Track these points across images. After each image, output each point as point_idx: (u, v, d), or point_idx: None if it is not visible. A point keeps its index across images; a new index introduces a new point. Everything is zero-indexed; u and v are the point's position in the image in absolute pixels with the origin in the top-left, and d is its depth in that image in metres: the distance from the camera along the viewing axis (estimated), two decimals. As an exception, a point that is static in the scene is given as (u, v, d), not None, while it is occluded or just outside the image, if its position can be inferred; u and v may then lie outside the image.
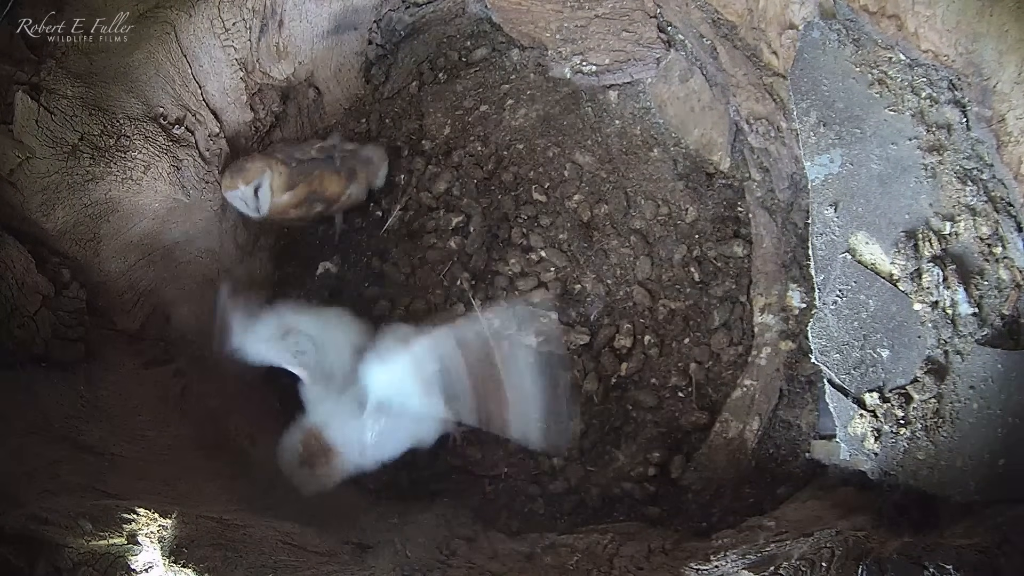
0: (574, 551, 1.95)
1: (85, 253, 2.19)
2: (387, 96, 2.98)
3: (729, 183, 2.65)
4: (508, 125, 2.84)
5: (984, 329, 1.73)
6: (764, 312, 2.41)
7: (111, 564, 1.56)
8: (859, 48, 1.95)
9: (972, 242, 1.77)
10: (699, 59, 2.62)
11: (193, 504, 1.81)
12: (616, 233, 2.64)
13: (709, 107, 2.64)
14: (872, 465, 1.79)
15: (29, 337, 2.02)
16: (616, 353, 2.49)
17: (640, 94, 2.81)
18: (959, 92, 1.81)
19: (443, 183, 2.77)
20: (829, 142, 1.95)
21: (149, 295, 2.35)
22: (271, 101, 2.69)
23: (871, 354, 1.83)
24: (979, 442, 1.68)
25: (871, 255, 1.87)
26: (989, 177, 1.78)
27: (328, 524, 1.99)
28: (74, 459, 1.85)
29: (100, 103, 2.17)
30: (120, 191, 2.20)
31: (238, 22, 2.45)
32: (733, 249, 2.54)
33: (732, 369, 2.41)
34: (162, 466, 2.01)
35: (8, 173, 2.06)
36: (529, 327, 2.49)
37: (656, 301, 2.54)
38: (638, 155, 2.74)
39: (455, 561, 1.88)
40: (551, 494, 2.34)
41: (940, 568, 1.41)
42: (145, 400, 2.18)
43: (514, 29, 2.90)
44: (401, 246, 2.72)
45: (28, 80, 2.10)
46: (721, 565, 1.72)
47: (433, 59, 3.01)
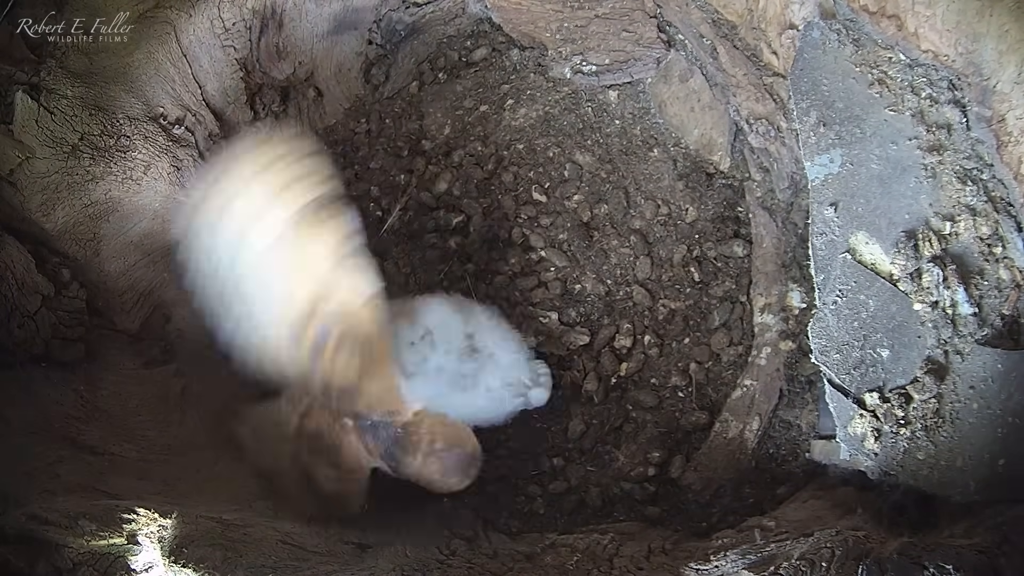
0: (574, 551, 1.95)
1: (85, 253, 2.19)
2: (387, 96, 2.98)
3: (729, 183, 2.65)
4: (508, 125, 2.84)
5: (984, 329, 1.73)
6: (764, 312, 2.41)
7: (111, 564, 1.56)
8: (859, 48, 1.95)
9: (972, 242, 1.77)
10: (699, 59, 2.62)
11: (193, 504, 1.81)
12: (616, 233, 2.64)
13: (709, 107, 2.64)
14: (872, 465, 1.79)
15: (29, 337, 2.02)
16: (616, 353, 2.49)
17: (640, 94, 2.81)
18: (959, 92, 1.81)
19: (443, 183, 2.77)
20: (829, 142, 1.95)
21: (149, 295, 2.35)
22: (271, 101, 2.69)
23: (871, 354, 1.83)
24: (979, 442, 1.68)
25: (871, 255, 1.87)
26: (989, 177, 1.77)
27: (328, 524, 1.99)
28: (74, 459, 1.85)
29: (100, 103, 2.17)
30: (120, 191, 2.20)
31: (238, 22, 2.45)
32: (733, 249, 2.54)
33: (732, 369, 2.41)
34: (162, 466, 2.01)
35: (8, 173, 2.06)
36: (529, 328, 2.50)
37: (656, 301, 2.54)
38: (638, 155, 2.75)
39: (455, 561, 1.88)
40: (551, 494, 2.34)
41: (940, 568, 1.41)
42: (145, 400, 2.18)
43: (514, 29, 2.90)
44: (401, 246, 2.72)
45: (28, 80, 2.10)
46: (721, 565, 1.72)
47: (433, 59, 3.01)
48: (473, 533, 2.05)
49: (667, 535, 2.05)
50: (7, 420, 1.84)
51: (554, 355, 2.51)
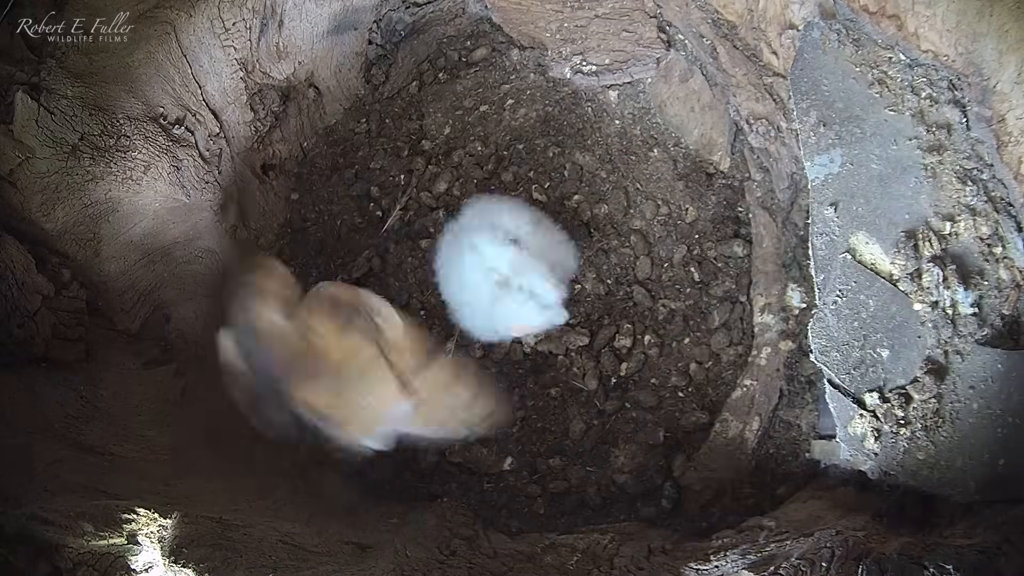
0: (574, 551, 1.95)
1: (85, 253, 2.19)
2: (387, 96, 2.98)
3: (729, 183, 2.65)
4: (508, 125, 2.84)
5: (984, 329, 1.73)
6: (764, 312, 2.41)
7: (111, 564, 1.56)
8: (859, 48, 1.95)
9: (972, 242, 1.77)
10: (699, 59, 2.62)
11: (193, 504, 1.81)
12: (616, 233, 2.64)
13: (709, 107, 2.64)
14: (872, 465, 1.79)
15: (29, 337, 2.02)
16: (616, 353, 2.49)
17: (640, 94, 2.81)
18: (959, 92, 1.81)
19: (443, 183, 2.77)
20: (829, 142, 1.95)
21: (149, 295, 2.36)
22: (271, 101, 2.69)
23: (871, 354, 1.83)
24: (979, 442, 1.68)
25: (871, 255, 1.87)
26: (989, 177, 1.77)
27: (328, 524, 1.99)
28: (74, 459, 1.85)
29: (100, 103, 2.17)
30: (120, 191, 2.20)
31: (238, 22, 2.45)
32: (733, 249, 2.54)
33: (732, 369, 2.41)
34: (162, 466, 2.01)
35: (8, 173, 2.06)
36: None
37: (656, 301, 2.54)
38: (638, 155, 2.74)
39: (455, 561, 1.88)
40: (551, 494, 2.34)
41: (940, 568, 1.41)
42: (145, 400, 2.19)
43: (514, 29, 2.90)
44: (401, 246, 2.72)
45: (28, 80, 2.10)
46: (721, 565, 1.72)
47: (433, 59, 3.01)
48: (473, 533, 2.04)
49: (667, 535, 2.05)
50: (7, 420, 1.84)
51: (553, 355, 2.51)
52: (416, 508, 2.23)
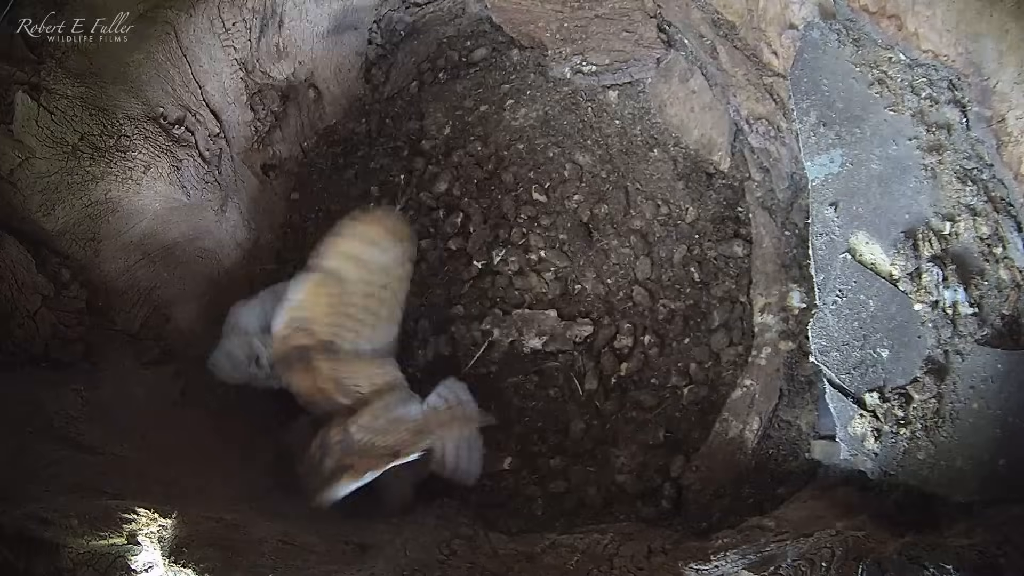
0: (574, 551, 1.95)
1: (85, 253, 2.19)
2: (387, 96, 2.98)
3: (729, 183, 2.65)
4: (508, 125, 2.84)
5: (984, 329, 1.73)
6: (764, 312, 2.41)
7: (111, 564, 1.56)
8: (859, 48, 1.95)
9: (972, 242, 1.77)
10: (699, 59, 2.62)
11: (193, 504, 1.81)
12: (616, 233, 2.64)
13: (709, 107, 2.64)
14: (872, 465, 1.79)
15: (29, 337, 2.02)
16: (616, 353, 2.49)
17: (640, 94, 2.81)
18: (959, 92, 1.81)
19: (443, 183, 2.77)
20: (829, 142, 1.95)
21: (149, 295, 2.35)
22: (271, 101, 2.69)
23: (871, 354, 1.83)
24: (979, 442, 1.68)
25: (871, 255, 1.87)
26: (989, 177, 1.78)
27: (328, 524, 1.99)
28: (74, 459, 1.84)
29: (100, 103, 2.17)
30: (120, 191, 2.20)
31: (238, 22, 2.44)
32: (733, 249, 2.54)
33: (732, 369, 2.41)
34: (162, 466, 2.01)
35: (8, 173, 2.06)
36: (531, 328, 2.50)
37: (656, 301, 2.54)
38: (638, 155, 2.74)
39: (455, 561, 1.88)
40: (551, 494, 2.34)
41: (940, 568, 1.41)
42: (145, 400, 2.18)
43: (514, 29, 2.90)
44: (401, 246, 2.72)
45: (28, 80, 2.09)
46: (721, 565, 1.72)
47: (433, 59, 3.01)
48: (473, 533, 2.04)
49: (667, 535, 2.05)
50: (7, 420, 1.84)
51: (554, 355, 2.51)
52: (416, 508, 2.23)
